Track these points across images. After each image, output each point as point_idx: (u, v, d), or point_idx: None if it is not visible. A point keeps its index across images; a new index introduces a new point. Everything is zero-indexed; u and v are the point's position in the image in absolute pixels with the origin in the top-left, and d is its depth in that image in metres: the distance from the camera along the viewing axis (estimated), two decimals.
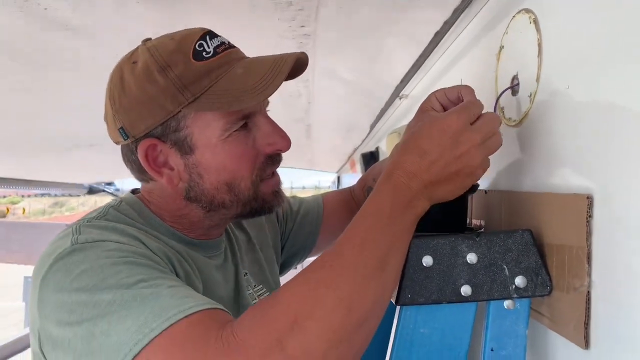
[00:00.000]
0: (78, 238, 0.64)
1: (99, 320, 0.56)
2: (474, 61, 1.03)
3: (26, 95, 1.47)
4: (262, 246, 0.98)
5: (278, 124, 0.79)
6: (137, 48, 0.75)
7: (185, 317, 0.55)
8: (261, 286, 0.93)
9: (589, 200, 0.57)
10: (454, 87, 0.72)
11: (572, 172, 0.63)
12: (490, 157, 0.66)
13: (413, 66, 1.36)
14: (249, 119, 0.75)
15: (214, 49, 0.72)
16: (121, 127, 0.73)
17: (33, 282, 0.65)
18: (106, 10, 0.93)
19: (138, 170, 0.77)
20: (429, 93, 0.78)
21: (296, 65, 0.74)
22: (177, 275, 0.70)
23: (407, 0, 0.92)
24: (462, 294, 0.65)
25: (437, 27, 1.10)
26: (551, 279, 0.65)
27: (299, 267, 1.17)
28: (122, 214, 0.74)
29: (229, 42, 0.76)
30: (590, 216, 0.57)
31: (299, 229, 1.07)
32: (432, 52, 1.25)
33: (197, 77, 0.71)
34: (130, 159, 0.77)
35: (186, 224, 0.79)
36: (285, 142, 0.77)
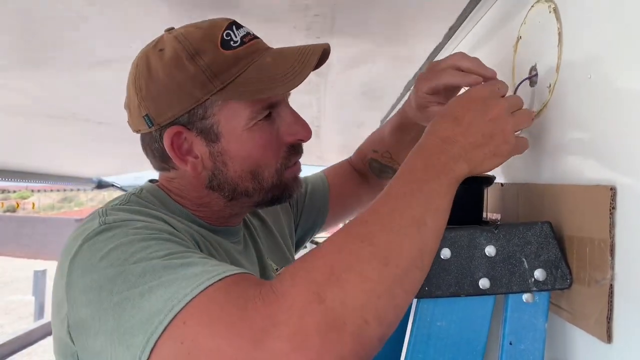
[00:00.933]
0: (106, 219, 0.65)
1: (129, 293, 0.56)
2: (490, 53, 1.02)
3: (36, 71, 1.47)
4: (279, 230, 0.99)
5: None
6: (162, 36, 0.75)
7: (219, 280, 0.54)
8: (284, 268, 0.94)
9: (613, 191, 0.56)
10: (435, 68, 0.78)
11: (594, 163, 0.62)
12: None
13: (427, 60, 1.35)
14: (273, 108, 0.75)
15: (241, 38, 0.73)
16: (146, 115, 0.73)
17: (60, 265, 0.64)
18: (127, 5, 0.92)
19: (160, 159, 0.77)
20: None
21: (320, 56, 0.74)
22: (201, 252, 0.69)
23: None
24: (480, 287, 0.64)
25: (451, 23, 1.09)
26: (571, 272, 0.64)
27: (308, 246, 1.18)
28: (144, 201, 0.74)
29: (253, 33, 0.76)
30: (614, 208, 0.56)
31: (310, 207, 1.07)
32: (445, 45, 1.24)
33: (226, 65, 0.71)
34: (152, 147, 0.76)
35: (207, 212, 0.79)
36: (307, 132, 0.78)
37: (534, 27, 0.79)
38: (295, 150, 0.79)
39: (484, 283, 0.64)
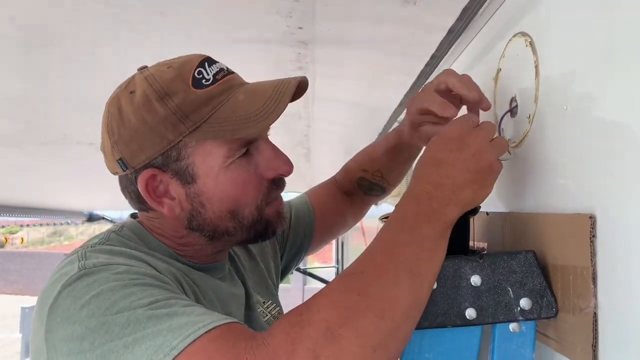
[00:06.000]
0: (85, 263, 0.63)
1: (113, 345, 0.54)
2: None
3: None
4: (264, 260, 0.98)
5: (279, 147, 0.79)
6: (134, 76, 0.74)
7: (206, 332, 0.53)
8: (270, 301, 0.92)
9: (592, 219, 0.57)
10: (425, 88, 0.78)
11: (574, 193, 0.63)
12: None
13: (410, 89, 1.37)
14: (250, 145, 0.74)
15: (213, 75, 0.72)
16: (120, 159, 0.72)
17: (38, 311, 0.62)
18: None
19: (137, 201, 0.76)
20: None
21: (297, 88, 0.74)
22: (186, 295, 0.68)
23: (402, 21, 0.94)
24: (467, 317, 0.64)
25: (433, 50, 1.11)
26: (556, 301, 0.64)
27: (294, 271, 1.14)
28: (125, 239, 0.73)
29: (227, 68, 0.75)
30: (594, 236, 0.57)
31: (295, 234, 1.05)
32: (429, 75, 1.26)
33: (197, 105, 0.70)
34: (129, 189, 0.75)
35: (189, 251, 0.77)
36: (288, 167, 0.77)
37: (512, 60, 0.82)
38: (276, 184, 0.78)
39: (470, 313, 0.64)
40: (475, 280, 0.65)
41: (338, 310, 0.53)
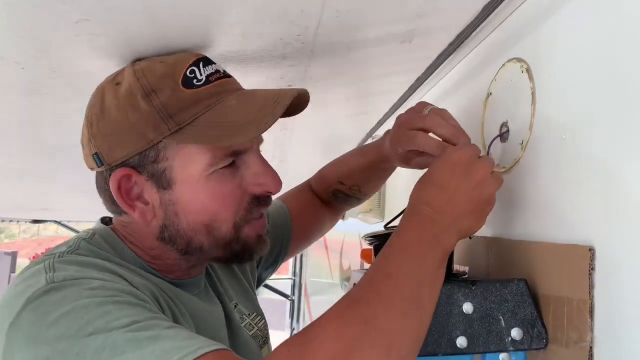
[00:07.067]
0: (54, 276, 0.56)
1: None
2: (458, 105, 1.04)
3: None
4: (242, 271, 0.93)
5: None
6: (124, 69, 0.70)
7: (195, 359, 0.48)
8: (255, 313, 0.87)
9: (592, 252, 0.56)
10: (407, 125, 0.77)
11: (571, 222, 0.62)
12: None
13: (390, 109, 1.36)
14: (237, 156, 0.69)
15: (207, 76, 0.68)
16: (96, 153, 0.67)
17: None
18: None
19: (111, 201, 0.70)
20: None
21: (295, 102, 0.70)
22: (163, 314, 0.62)
23: (397, 46, 0.92)
24: (458, 345, 0.63)
25: (419, 74, 1.11)
26: (547, 331, 0.63)
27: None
28: (96, 248, 0.67)
29: (224, 71, 0.71)
30: (592, 268, 0.56)
31: (272, 242, 0.97)
32: (410, 96, 1.26)
33: (184, 105, 0.65)
34: (103, 187, 0.70)
35: (161, 265, 0.72)
36: (276, 184, 0.72)
37: (505, 85, 0.81)
38: (260, 202, 0.72)
39: (461, 342, 0.63)
40: (467, 308, 0.64)
41: (345, 343, 0.50)
